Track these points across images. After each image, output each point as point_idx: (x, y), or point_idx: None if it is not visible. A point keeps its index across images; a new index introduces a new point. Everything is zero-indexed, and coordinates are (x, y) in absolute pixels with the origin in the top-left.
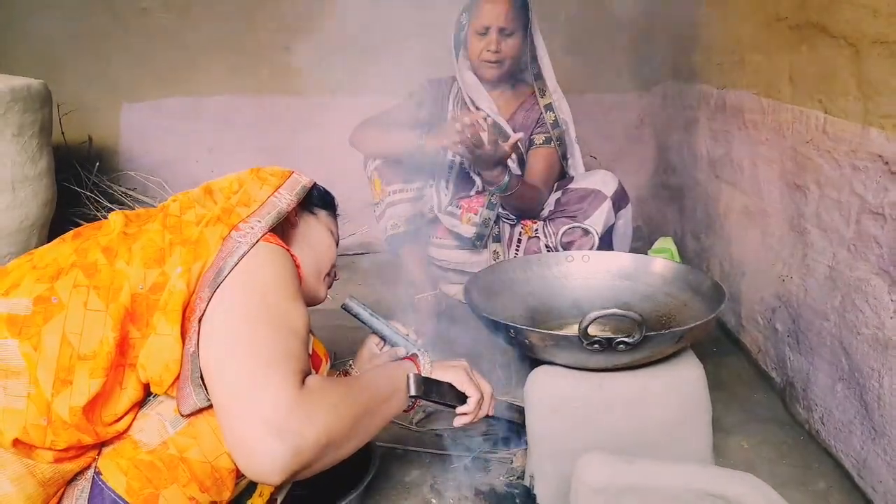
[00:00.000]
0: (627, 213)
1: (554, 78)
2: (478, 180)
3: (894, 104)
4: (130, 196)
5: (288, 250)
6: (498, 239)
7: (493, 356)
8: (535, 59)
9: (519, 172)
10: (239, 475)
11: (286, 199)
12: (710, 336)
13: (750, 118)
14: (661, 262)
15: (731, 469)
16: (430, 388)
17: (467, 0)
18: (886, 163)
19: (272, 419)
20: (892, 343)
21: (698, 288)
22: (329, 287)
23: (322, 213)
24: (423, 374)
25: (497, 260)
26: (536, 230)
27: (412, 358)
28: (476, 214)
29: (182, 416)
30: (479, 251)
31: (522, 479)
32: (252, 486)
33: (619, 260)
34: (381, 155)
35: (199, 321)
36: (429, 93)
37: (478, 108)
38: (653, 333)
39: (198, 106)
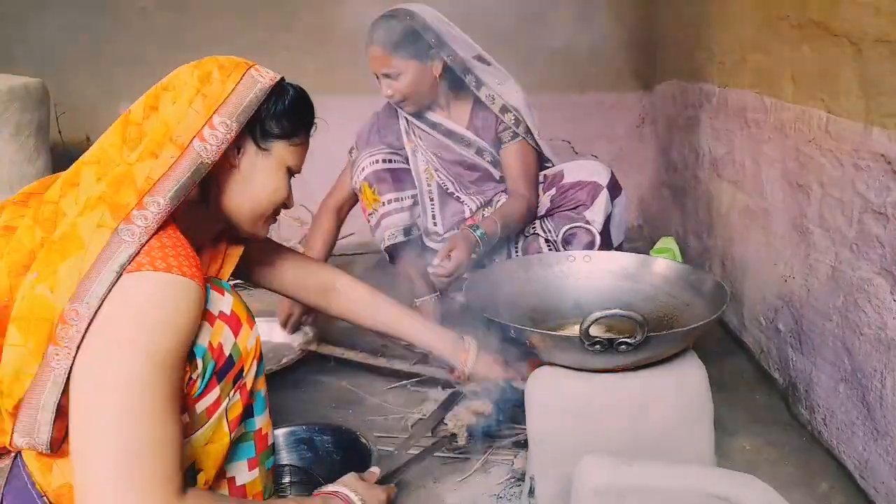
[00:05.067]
0: (622, 200)
1: (500, 74)
2: (467, 201)
3: None
4: None
5: (196, 277)
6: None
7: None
8: (467, 70)
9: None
10: None
11: (217, 139)
12: (713, 336)
13: (752, 117)
14: (662, 263)
15: (733, 470)
16: None
17: None
18: (889, 162)
19: None
20: (895, 343)
21: (700, 288)
22: (270, 223)
23: (278, 146)
24: None
25: None
26: (534, 228)
27: (342, 497)
28: None
29: (13, 447)
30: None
31: (523, 480)
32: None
33: (621, 260)
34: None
35: (78, 348)
36: (374, 126)
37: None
38: (655, 334)
39: None
